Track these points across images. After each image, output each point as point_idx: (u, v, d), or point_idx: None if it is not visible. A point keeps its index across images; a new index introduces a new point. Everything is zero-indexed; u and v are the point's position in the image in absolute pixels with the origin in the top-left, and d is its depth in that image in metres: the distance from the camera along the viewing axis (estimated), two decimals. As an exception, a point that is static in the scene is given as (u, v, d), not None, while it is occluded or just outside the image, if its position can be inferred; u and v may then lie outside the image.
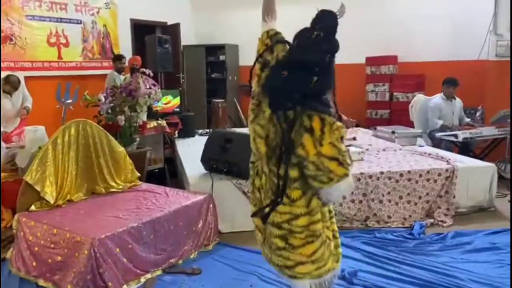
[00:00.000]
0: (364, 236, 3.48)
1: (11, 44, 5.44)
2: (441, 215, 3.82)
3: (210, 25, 8.36)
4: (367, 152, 4.46)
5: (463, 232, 3.54)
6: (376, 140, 5.25)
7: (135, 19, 7.22)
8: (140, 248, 2.74)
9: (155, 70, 5.75)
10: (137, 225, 2.74)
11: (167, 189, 3.48)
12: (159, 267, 2.86)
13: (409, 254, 3.13)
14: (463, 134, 4.86)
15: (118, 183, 3.53)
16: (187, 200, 3.16)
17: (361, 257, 3.10)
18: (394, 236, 3.48)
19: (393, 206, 3.79)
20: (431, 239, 3.44)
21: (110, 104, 4.04)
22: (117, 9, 6.87)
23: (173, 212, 3.00)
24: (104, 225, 2.70)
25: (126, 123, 4.08)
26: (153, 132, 4.80)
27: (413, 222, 3.72)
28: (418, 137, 5.10)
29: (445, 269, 2.88)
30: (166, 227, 2.93)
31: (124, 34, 7.08)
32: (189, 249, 3.10)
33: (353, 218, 3.73)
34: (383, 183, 3.76)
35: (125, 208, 3.03)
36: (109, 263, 2.50)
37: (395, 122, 6.49)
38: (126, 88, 4.14)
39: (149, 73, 4.34)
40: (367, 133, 5.85)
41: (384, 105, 7.34)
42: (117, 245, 2.58)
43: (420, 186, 3.82)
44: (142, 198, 3.29)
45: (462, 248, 3.26)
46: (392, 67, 7.26)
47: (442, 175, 3.86)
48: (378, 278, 2.79)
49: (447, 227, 3.69)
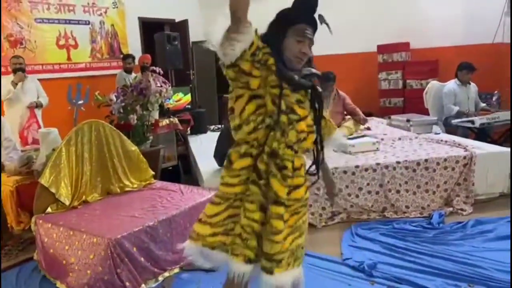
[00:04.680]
0: (382, 227, 3.43)
1: (21, 48, 5.49)
2: (461, 203, 3.74)
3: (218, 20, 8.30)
4: (382, 142, 4.39)
5: (484, 220, 3.46)
6: (391, 129, 5.16)
7: (143, 18, 7.22)
8: (157, 247, 2.73)
9: (165, 68, 5.74)
10: (153, 224, 2.73)
11: (182, 187, 3.46)
12: (176, 265, 2.84)
13: (429, 244, 3.07)
14: (480, 120, 4.75)
15: (133, 182, 3.53)
16: (202, 197, 3.14)
17: (380, 249, 3.05)
18: (413, 227, 3.42)
19: (411, 196, 3.72)
20: (451, 228, 3.37)
21: (122, 103, 4.04)
22: (125, 8, 6.88)
23: (189, 209, 2.98)
24: (120, 225, 2.69)
25: (138, 122, 4.08)
26: (165, 130, 4.81)
27: (431, 211, 3.65)
28: (433, 124, 5.01)
29: (467, 259, 2.82)
30: (182, 225, 2.91)
31: (133, 33, 7.09)
32: (205, 246, 3.08)
33: (370, 210, 3.68)
34: (399, 173, 3.70)
35: (141, 207, 3.02)
36: (126, 263, 2.49)
37: (409, 110, 6.38)
38: (137, 86, 4.13)
39: (159, 71, 4.33)
40: (382, 122, 5.77)
41: (398, 93, 7.23)
42: (133, 244, 2.57)
43: (438, 175, 3.75)
44: (157, 196, 3.28)
45: (483, 236, 3.19)
46: (405, 54, 7.14)
47: (460, 163, 3.78)
48: (398, 270, 2.74)
49: (467, 215, 3.61)
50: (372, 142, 4.17)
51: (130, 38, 7.01)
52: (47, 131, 3.47)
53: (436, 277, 2.63)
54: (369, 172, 3.66)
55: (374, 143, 4.17)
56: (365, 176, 3.66)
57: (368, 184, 3.67)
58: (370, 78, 7.34)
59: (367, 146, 4.11)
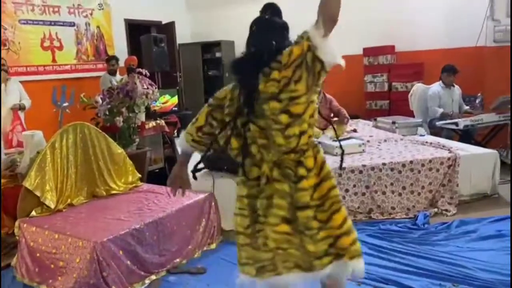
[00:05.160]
0: (368, 228, 3.46)
1: (5, 50, 5.41)
2: (445, 204, 3.79)
3: (205, 22, 8.31)
4: (368, 143, 4.42)
5: (468, 220, 3.52)
6: (377, 131, 5.22)
7: (129, 19, 7.19)
8: (144, 250, 2.71)
9: (152, 70, 5.72)
10: (140, 227, 2.72)
11: (169, 189, 3.44)
12: (163, 268, 2.83)
13: (415, 245, 3.11)
14: (464, 122, 4.82)
15: (119, 185, 3.50)
16: (189, 200, 3.13)
17: (366, 250, 3.06)
18: (398, 227, 3.46)
19: (397, 197, 3.76)
20: (435, 228, 3.42)
21: (108, 105, 4.02)
22: (111, 10, 6.83)
23: (176, 212, 2.98)
24: (106, 228, 2.67)
25: (124, 124, 4.05)
26: (152, 132, 4.78)
27: (417, 212, 3.70)
28: (418, 126, 5.07)
29: (451, 259, 2.86)
30: (169, 227, 2.91)
31: (119, 35, 7.06)
32: (193, 248, 3.07)
33: (357, 211, 3.71)
34: (385, 174, 3.74)
35: (127, 210, 3.00)
36: (113, 266, 2.47)
37: (395, 112, 6.44)
38: (123, 89, 4.11)
39: (145, 73, 4.31)
40: (368, 124, 5.82)
41: (383, 96, 7.29)
42: (120, 247, 2.56)
43: (423, 176, 3.80)
44: (144, 199, 3.27)
45: (467, 236, 3.24)
46: (390, 57, 7.21)
47: (445, 164, 3.84)
48: (384, 270, 2.77)
49: (452, 216, 3.66)
50: (358, 144, 4.21)
51: (116, 40, 6.97)
52: (31, 133, 3.43)
53: (421, 277, 2.67)
54: (355, 173, 3.69)
55: (360, 145, 4.21)
56: (352, 178, 3.69)
57: (354, 185, 3.70)
58: (356, 81, 7.39)
59: (353, 148, 4.14)
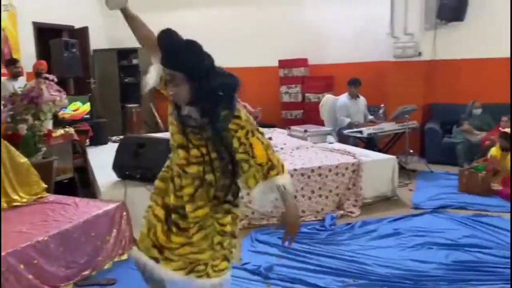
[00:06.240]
0: (280, 232, 3.58)
1: None
2: (350, 207, 4.07)
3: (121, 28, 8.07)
4: (281, 151, 4.62)
5: (369, 221, 3.81)
6: (291, 139, 5.45)
7: (38, 23, 6.80)
8: (48, 263, 2.58)
9: (63, 76, 5.46)
10: (43, 239, 2.58)
11: (77, 200, 3.31)
12: (70, 281, 2.71)
13: (321, 245, 3.31)
14: (367, 130, 5.22)
15: (22, 196, 3.29)
16: (98, 210, 3.04)
17: (277, 252, 3.21)
18: (307, 229, 3.64)
19: (307, 200, 3.97)
20: (341, 229, 3.66)
21: (10, 112, 3.77)
22: (17, 12, 6.41)
23: (83, 223, 2.87)
24: (5, 241, 2.50)
25: (29, 132, 3.82)
26: (60, 141, 4.54)
27: (325, 214, 3.93)
28: (328, 134, 5.39)
29: (353, 256, 3.09)
30: (77, 239, 2.79)
31: (26, 39, 6.63)
32: (103, 259, 2.98)
33: (270, 215, 3.84)
34: (296, 180, 3.92)
35: (30, 222, 2.83)
36: (11, 281, 2.33)
37: (308, 122, 6.77)
38: (28, 95, 3.88)
39: (53, 79, 4.11)
40: (283, 133, 6.05)
41: (298, 106, 7.65)
42: (20, 261, 2.41)
43: (330, 180, 4.04)
44: (50, 210, 3.10)
45: (368, 235, 3.51)
46: (304, 69, 7.59)
47: (349, 169, 4.12)
48: (293, 271, 2.91)
49: (356, 217, 3.94)
50: (271, 151, 4.36)
51: (23, 44, 6.54)
52: None
53: (326, 275, 2.84)
54: (268, 179, 3.82)
55: (274, 152, 4.36)
56: (264, 184, 3.81)
57: (267, 191, 3.83)
58: (272, 91, 7.68)
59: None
